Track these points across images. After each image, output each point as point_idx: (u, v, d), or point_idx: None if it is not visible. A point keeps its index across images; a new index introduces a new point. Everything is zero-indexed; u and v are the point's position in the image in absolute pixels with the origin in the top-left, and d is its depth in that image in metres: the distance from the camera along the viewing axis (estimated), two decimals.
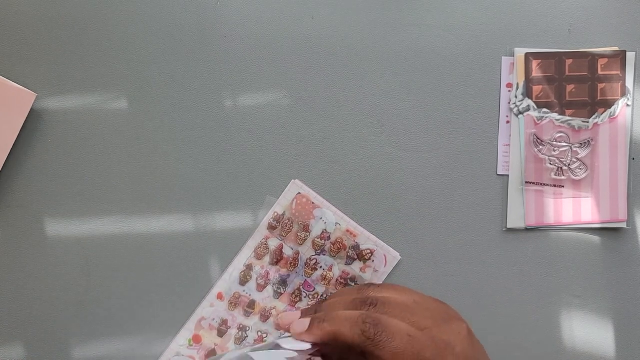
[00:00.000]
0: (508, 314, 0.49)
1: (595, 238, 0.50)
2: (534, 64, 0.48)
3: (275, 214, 0.49)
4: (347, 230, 0.49)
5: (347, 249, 0.49)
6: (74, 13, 0.50)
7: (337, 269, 0.49)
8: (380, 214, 0.50)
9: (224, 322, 0.49)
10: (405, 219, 0.50)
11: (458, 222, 0.50)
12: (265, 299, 0.49)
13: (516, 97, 0.49)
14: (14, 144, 0.47)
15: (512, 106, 0.49)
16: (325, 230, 0.49)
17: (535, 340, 0.49)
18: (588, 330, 0.49)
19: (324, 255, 0.49)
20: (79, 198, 0.49)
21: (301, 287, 0.49)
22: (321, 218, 0.49)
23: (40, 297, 0.48)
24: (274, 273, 0.49)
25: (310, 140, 0.50)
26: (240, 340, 0.49)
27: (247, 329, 0.49)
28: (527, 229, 0.50)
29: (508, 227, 0.49)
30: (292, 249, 0.49)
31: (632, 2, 0.51)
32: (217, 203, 0.49)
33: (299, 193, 0.49)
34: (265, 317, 0.49)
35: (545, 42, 0.50)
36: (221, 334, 0.49)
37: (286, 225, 0.49)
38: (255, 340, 0.49)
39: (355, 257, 0.49)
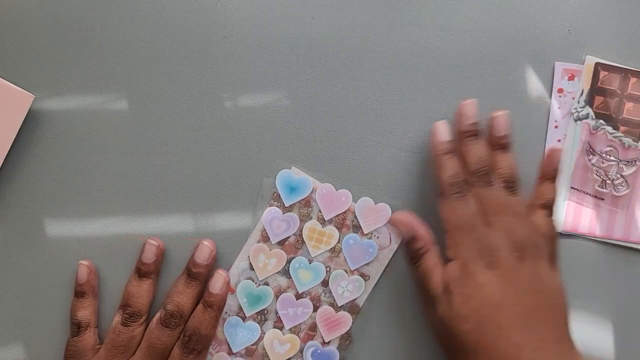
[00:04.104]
0: None
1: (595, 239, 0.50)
2: (602, 74, 0.49)
3: (275, 194, 0.49)
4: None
5: (353, 218, 0.49)
6: (72, 13, 0.50)
7: (344, 240, 0.49)
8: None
9: (240, 310, 0.49)
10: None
11: None
12: (276, 278, 0.49)
13: (579, 102, 0.49)
14: (14, 146, 0.47)
15: (574, 111, 0.49)
16: None
17: None
18: (588, 330, 0.49)
19: (330, 227, 0.49)
20: (79, 198, 0.49)
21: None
22: (334, 188, 0.49)
23: (40, 296, 0.49)
24: (282, 254, 0.49)
25: (310, 141, 0.50)
26: (261, 324, 0.49)
27: (265, 312, 0.49)
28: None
29: None
30: (297, 227, 0.49)
31: (631, 3, 0.50)
32: (217, 203, 0.49)
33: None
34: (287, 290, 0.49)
35: (544, 42, 0.50)
36: None
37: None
38: (274, 322, 0.49)
39: (360, 226, 0.49)
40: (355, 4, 0.50)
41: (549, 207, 0.46)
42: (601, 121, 0.49)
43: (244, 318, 0.48)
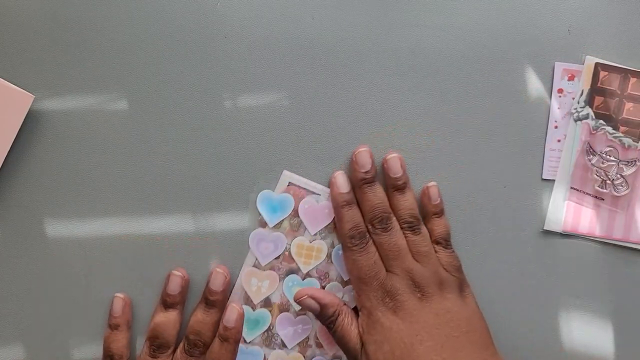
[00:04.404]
0: (507, 314, 0.50)
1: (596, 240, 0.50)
2: (601, 74, 0.49)
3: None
4: None
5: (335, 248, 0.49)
6: (72, 13, 0.49)
7: (333, 251, 0.49)
8: None
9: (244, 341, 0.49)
10: None
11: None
12: (278, 294, 0.49)
13: (579, 103, 0.49)
14: (14, 146, 0.47)
15: (573, 111, 0.49)
16: None
17: (534, 341, 0.49)
18: (588, 330, 0.49)
19: (318, 241, 0.49)
20: (79, 198, 0.49)
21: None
22: (316, 201, 0.49)
23: (40, 297, 0.49)
24: (274, 275, 0.49)
25: (310, 141, 0.50)
26: (268, 340, 0.49)
27: (272, 327, 0.49)
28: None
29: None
30: (284, 246, 0.49)
31: (631, 3, 0.50)
32: (218, 203, 0.49)
33: (288, 185, 0.49)
34: (285, 309, 0.49)
35: (544, 42, 0.50)
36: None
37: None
38: (281, 342, 0.48)
39: None
40: (355, 4, 0.50)
41: (443, 240, 0.47)
42: (601, 121, 0.49)
43: (245, 343, 0.48)
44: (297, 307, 0.48)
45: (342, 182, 0.47)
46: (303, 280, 0.49)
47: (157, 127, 0.49)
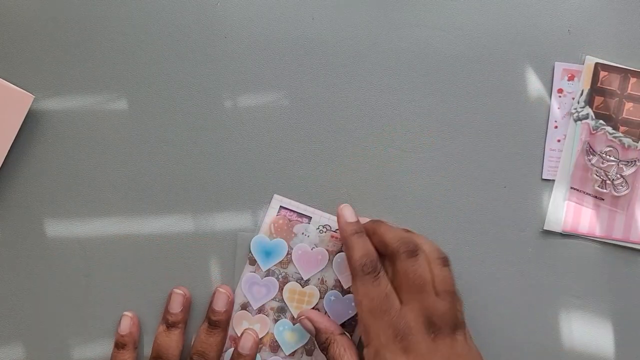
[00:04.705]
0: (507, 314, 0.49)
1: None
2: (601, 74, 0.49)
3: (251, 258, 0.49)
4: (332, 236, 0.49)
5: (335, 255, 0.49)
6: (72, 14, 0.50)
7: (331, 277, 0.49)
8: (377, 213, 0.49)
9: None
10: (406, 219, 0.50)
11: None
12: (269, 337, 0.49)
13: (578, 103, 0.49)
14: (14, 146, 0.47)
15: (573, 111, 0.49)
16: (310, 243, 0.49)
17: (535, 341, 0.49)
18: (588, 330, 0.49)
19: (310, 286, 0.49)
20: (79, 198, 0.49)
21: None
22: (303, 233, 0.49)
23: (40, 297, 0.49)
24: (265, 319, 0.49)
25: (310, 141, 0.50)
26: None
27: None
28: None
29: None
30: (277, 290, 0.48)
31: (631, 3, 0.50)
32: (218, 203, 0.49)
33: (279, 209, 0.49)
34: (275, 347, 0.48)
35: (544, 42, 0.50)
36: None
37: None
38: None
39: (340, 282, 0.48)
40: (355, 4, 0.50)
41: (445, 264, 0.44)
42: (601, 121, 0.49)
43: None
44: (287, 352, 0.48)
45: (348, 213, 0.46)
46: (294, 324, 0.48)
47: (157, 127, 0.49)
